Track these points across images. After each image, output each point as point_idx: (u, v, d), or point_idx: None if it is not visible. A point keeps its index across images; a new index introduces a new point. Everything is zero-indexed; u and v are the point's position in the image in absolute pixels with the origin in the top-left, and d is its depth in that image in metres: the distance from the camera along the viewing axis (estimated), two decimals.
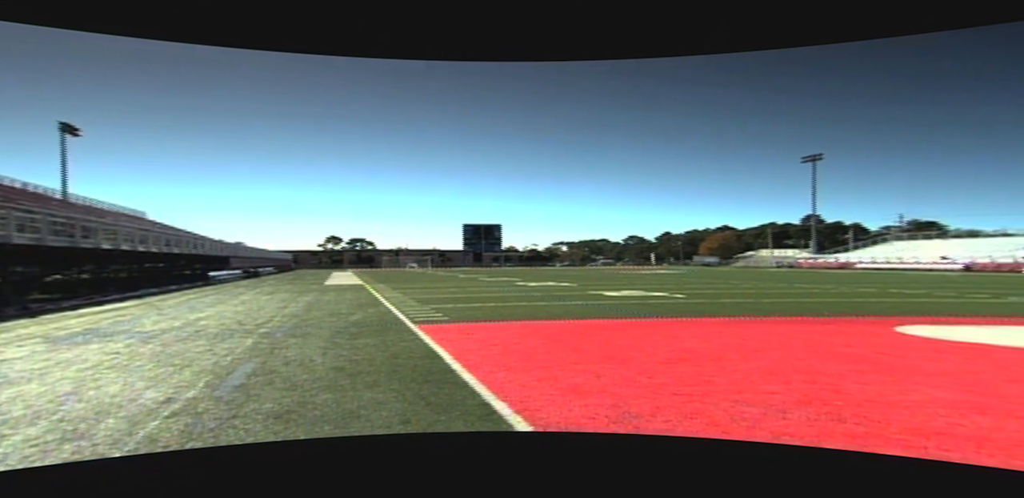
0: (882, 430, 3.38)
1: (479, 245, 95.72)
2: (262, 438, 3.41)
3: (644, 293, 16.96)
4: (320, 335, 8.01)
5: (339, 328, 8.85)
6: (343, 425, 3.62)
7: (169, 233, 28.74)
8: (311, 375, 5.20)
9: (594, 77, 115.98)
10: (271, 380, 5.00)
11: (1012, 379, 4.75)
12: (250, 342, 7.41)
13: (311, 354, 6.39)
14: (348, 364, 5.73)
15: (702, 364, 5.55)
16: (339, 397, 4.35)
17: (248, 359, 6.12)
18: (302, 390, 4.60)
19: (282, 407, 4.07)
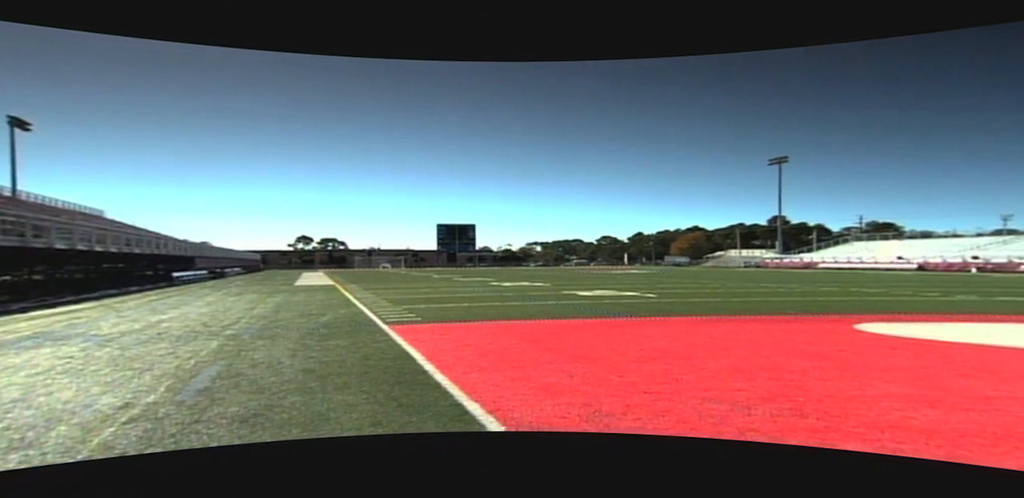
0: (841, 424, 3.51)
1: (453, 245, 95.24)
2: (226, 443, 3.31)
3: (616, 293, 17.17)
4: (289, 337, 7.83)
5: (309, 329, 8.67)
6: (312, 428, 3.55)
7: (129, 232, 27.67)
8: (279, 377, 5.08)
9: (567, 79, 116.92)
10: (237, 383, 4.87)
11: (958, 373, 4.99)
12: (215, 344, 7.19)
13: (279, 356, 6.24)
14: (318, 366, 5.62)
15: (672, 362, 5.65)
16: (308, 399, 4.26)
17: (213, 362, 5.94)
18: (270, 393, 4.48)
19: (248, 411, 3.95)
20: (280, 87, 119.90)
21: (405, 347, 6.83)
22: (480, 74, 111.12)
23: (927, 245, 56.91)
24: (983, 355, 5.97)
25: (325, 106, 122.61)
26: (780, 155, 71.70)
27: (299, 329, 8.72)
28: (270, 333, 8.27)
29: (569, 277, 33.18)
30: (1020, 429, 3.37)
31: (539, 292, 17.98)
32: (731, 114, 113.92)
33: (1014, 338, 7.16)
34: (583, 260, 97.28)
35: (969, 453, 2.98)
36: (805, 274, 37.20)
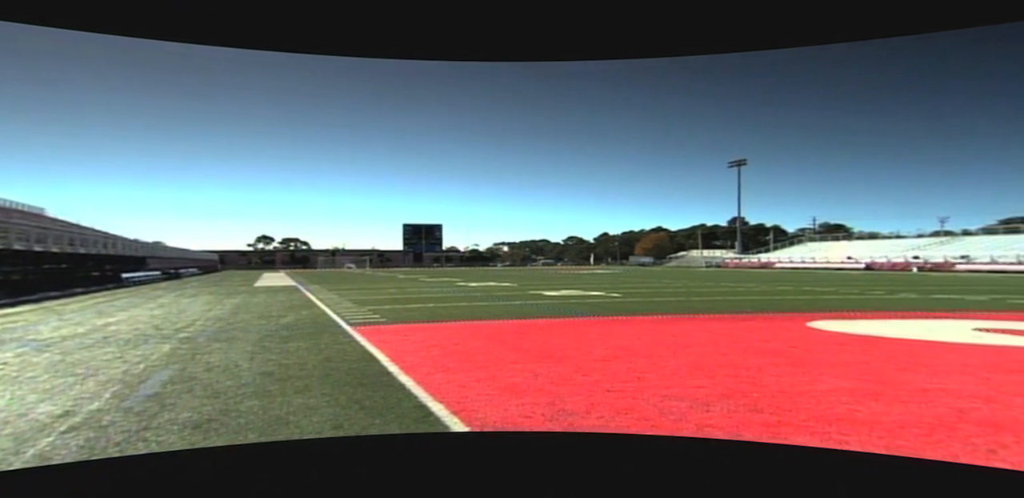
0: (792, 418, 3.66)
1: (419, 245, 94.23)
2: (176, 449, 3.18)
3: (582, 292, 17.38)
4: (248, 339, 7.58)
5: (269, 331, 8.42)
6: (269, 432, 3.45)
7: (73, 231, 26.20)
8: (236, 381, 4.91)
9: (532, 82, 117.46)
10: (190, 388, 4.68)
11: (900, 368, 5.28)
12: (168, 348, 6.89)
13: (237, 359, 6.03)
14: (278, 369, 5.47)
15: (635, 361, 5.76)
16: (266, 403, 4.13)
17: (165, 366, 5.69)
18: (225, 397, 4.33)
19: (202, 416, 3.81)
20: (240, 85, 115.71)
21: (369, 348, 6.72)
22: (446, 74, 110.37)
23: (874, 246, 59.94)
24: (921, 350, 6.34)
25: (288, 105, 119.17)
26: (739, 158, 74.11)
27: (258, 331, 8.45)
28: (227, 335, 7.99)
29: (536, 277, 33.37)
30: (950, 419, 3.60)
31: (506, 292, 18.01)
32: (693, 117, 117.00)
33: (947, 333, 7.63)
34: (550, 260, 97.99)
35: (906, 443, 3.16)
36: (763, 274, 38.58)
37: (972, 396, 4.15)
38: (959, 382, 4.64)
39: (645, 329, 8.50)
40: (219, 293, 19.10)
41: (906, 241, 59.27)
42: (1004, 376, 4.86)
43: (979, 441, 3.16)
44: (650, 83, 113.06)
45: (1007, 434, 3.28)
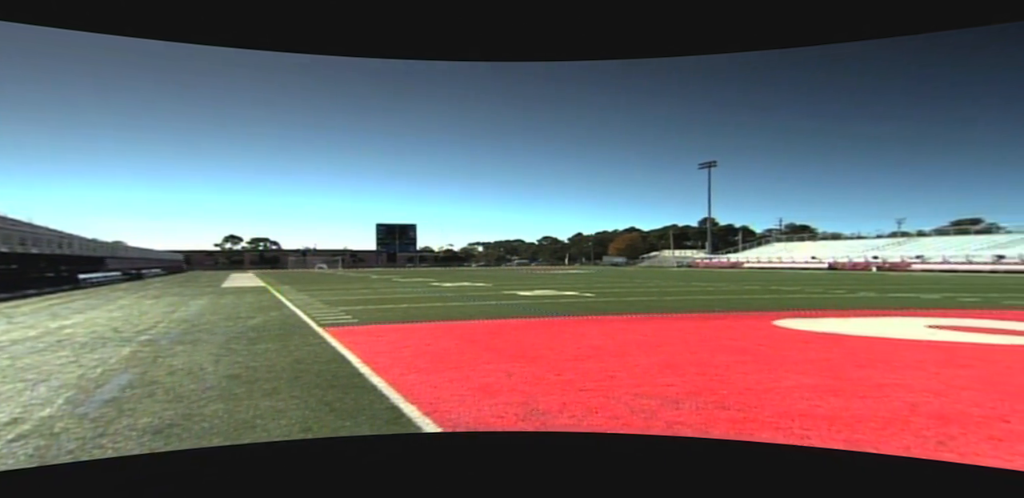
0: (758, 415, 3.76)
1: (393, 245, 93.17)
2: None
3: (556, 292, 17.49)
4: (213, 341, 7.37)
5: (236, 333, 8.20)
6: (234, 437, 3.36)
7: (24, 230, 24.97)
8: (200, 385, 4.77)
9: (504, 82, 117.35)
10: (151, 392, 4.52)
11: (859, 364, 5.49)
12: (127, 351, 6.64)
13: (201, 362, 5.86)
14: (244, 371, 5.33)
15: (607, 360, 5.83)
16: (232, 407, 4.03)
17: (124, 370, 5.48)
18: (188, 401, 4.20)
19: (163, 421, 3.68)
20: (206, 83, 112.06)
21: (340, 350, 6.61)
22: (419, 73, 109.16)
23: (836, 246, 62.10)
24: (878, 347, 6.60)
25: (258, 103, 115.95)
26: (709, 160, 75.77)
27: (225, 333, 8.22)
28: (192, 338, 7.75)
29: (510, 277, 33.42)
30: (904, 413, 3.76)
31: (480, 292, 17.98)
32: (665, 119, 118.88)
33: (903, 331, 7.98)
34: (524, 260, 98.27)
35: (863, 437, 3.29)
36: (732, 273, 39.53)
37: (924, 390, 4.35)
38: (912, 377, 4.85)
39: (618, 328, 8.61)
40: (184, 294, 18.50)
41: (866, 241, 61.59)
42: (953, 371, 5.11)
43: (929, 433, 3.32)
44: (622, 85, 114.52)
45: (954, 426, 3.45)
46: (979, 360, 5.64)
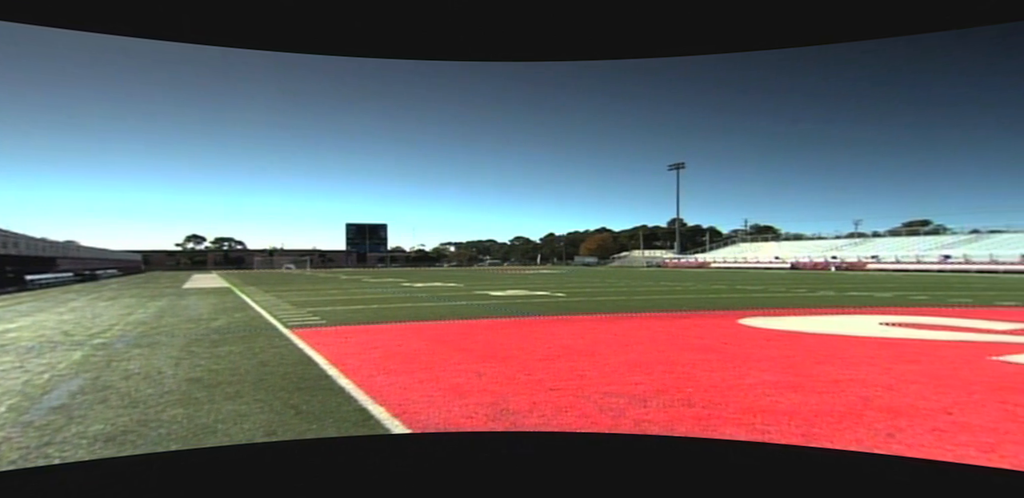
0: (722, 411, 3.87)
1: (363, 245, 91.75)
2: None
3: (528, 292, 17.55)
4: (173, 344, 7.12)
5: (198, 335, 7.94)
6: (193, 442, 3.26)
7: None
8: (158, 389, 4.60)
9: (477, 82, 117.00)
10: (104, 398, 4.33)
11: (816, 361, 5.71)
12: (79, 355, 6.34)
13: (160, 365, 5.65)
14: (206, 374, 5.17)
15: (577, 359, 5.89)
16: (192, 412, 3.90)
17: (74, 375, 5.23)
18: (145, 406, 4.04)
19: (116, 428, 3.54)
20: (166, 80, 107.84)
21: (307, 351, 6.48)
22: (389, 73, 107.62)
23: (798, 246, 64.31)
24: (836, 343, 6.88)
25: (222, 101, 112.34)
26: (678, 161, 77.32)
27: (185, 335, 7.95)
28: (150, 341, 7.46)
29: (482, 277, 33.37)
30: (858, 407, 3.93)
31: (451, 293, 17.89)
32: (635, 121, 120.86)
33: (858, 328, 8.33)
34: (497, 260, 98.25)
35: (820, 431, 3.42)
36: (699, 273, 40.47)
37: (876, 385, 4.55)
38: (866, 373, 5.07)
39: (588, 328, 8.71)
40: (142, 296, 17.79)
41: (826, 242, 63.99)
42: (904, 366, 5.37)
43: (880, 426, 3.48)
44: (594, 86, 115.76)
45: (903, 419, 3.63)
46: (926, 355, 5.94)
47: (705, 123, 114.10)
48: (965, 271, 38.75)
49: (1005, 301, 13.31)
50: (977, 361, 5.59)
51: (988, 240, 48.71)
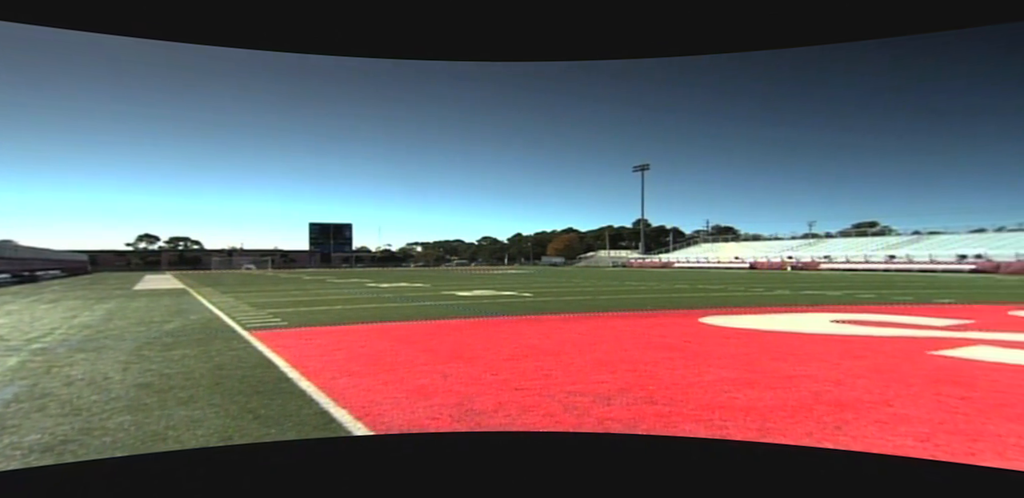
0: (682, 408, 3.97)
1: (327, 245, 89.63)
2: None
3: (495, 292, 17.55)
4: (122, 348, 6.78)
5: (149, 338, 7.59)
6: (143, 450, 3.11)
7: None
8: (104, 395, 4.37)
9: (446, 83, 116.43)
10: (42, 406, 4.09)
11: (772, 357, 5.93)
12: (14, 361, 5.97)
13: (107, 370, 5.37)
14: (157, 379, 4.95)
15: (543, 359, 5.93)
16: (141, 418, 3.72)
17: (9, 382, 4.92)
18: (88, 414, 3.84)
19: (55, 437, 3.34)
20: (120, 75, 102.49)
21: (267, 354, 6.29)
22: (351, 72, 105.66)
23: (757, 246, 66.60)
24: (789, 341, 7.16)
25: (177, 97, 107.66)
26: (643, 163, 78.82)
27: (136, 339, 7.58)
28: (95, 345, 7.08)
29: (449, 277, 33.17)
30: (809, 401, 4.11)
31: (418, 293, 17.72)
32: (601, 122, 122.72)
33: (811, 325, 8.71)
34: (464, 260, 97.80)
35: (774, 425, 3.56)
36: (663, 273, 41.39)
37: (826, 380, 4.76)
38: (817, 368, 5.30)
39: (554, 327, 8.78)
40: (88, 298, 16.88)
41: (783, 242, 66.47)
42: (852, 361, 5.64)
43: (828, 419, 3.65)
44: (562, 88, 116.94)
45: (849, 412, 3.81)
46: (872, 351, 6.26)
47: (668, 126, 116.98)
48: (908, 270, 41.03)
49: (942, 299, 14.16)
50: (916, 356, 5.93)
51: (928, 241, 51.71)
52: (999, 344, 6.56)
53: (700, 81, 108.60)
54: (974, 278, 28.88)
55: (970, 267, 38.80)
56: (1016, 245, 41.99)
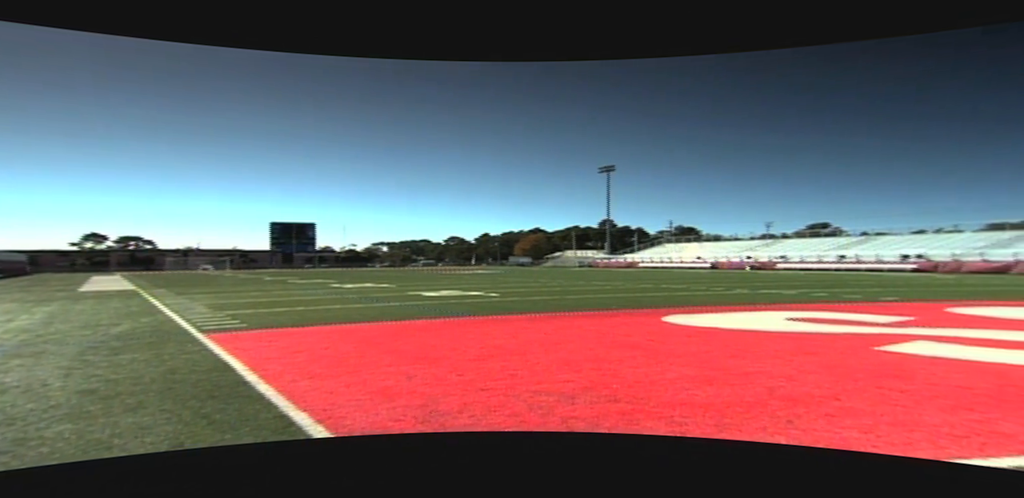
0: (644, 406, 4.05)
1: (290, 245, 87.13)
2: None
3: (462, 293, 17.47)
4: (63, 353, 6.41)
5: (94, 342, 7.20)
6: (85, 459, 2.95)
7: None
8: (42, 403, 4.12)
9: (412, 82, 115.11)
10: None
11: (730, 355, 6.12)
12: None
13: (45, 377, 5.07)
14: (103, 385, 4.70)
15: (509, 359, 5.93)
16: (83, 427, 3.53)
17: None
18: (24, 423, 3.61)
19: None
20: (66, 68, 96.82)
21: (224, 357, 6.07)
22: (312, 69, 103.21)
23: (718, 247, 68.57)
24: (747, 338, 7.41)
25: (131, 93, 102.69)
26: (608, 164, 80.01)
27: (79, 343, 7.18)
28: (34, 350, 6.67)
29: (416, 278, 32.82)
30: (763, 397, 4.26)
31: (383, 293, 17.46)
32: (568, 123, 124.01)
33: (767, 323, 9.03)
34: (431, 261, 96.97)
35: (731, 421, 3.67)
36: (628, 273, 42.12)
37: (780, 376, 4.95)
38: (772, 365, 5.50)
39: (521, 327, 8.80)
40: (26, 300, 15.89)
41: (742, 243, 68.68)
42: (804, 358, 5.88)
43: (781, 414, 3.79)
44: (529, 89, 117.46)
45: (801, 406, 3.97)
46: (823, 347, 6.54)
47: (634, 128, 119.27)
48: (857, 270, 43.09)
49: (887, 297, 14.94)
50: (862, 351, 6.23)
51: (875, 241, 54.49)
52: (936, 339, 6.97)
53: (665, 85, 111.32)
54: (915, 277, 30.61)
55: (912, 266, 41.07)
56: (952, 246, 44.83)
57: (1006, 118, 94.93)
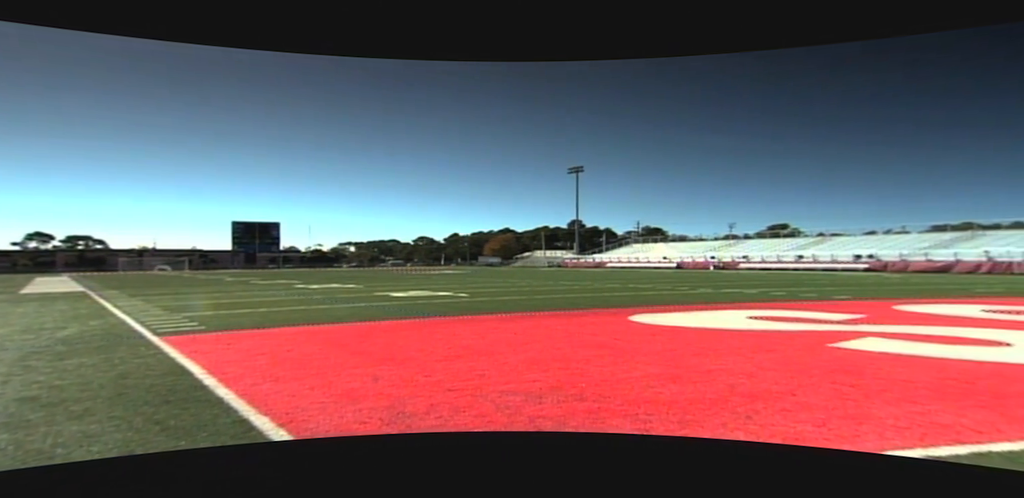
0: (610, 404, 4.10)
1: (252, 245, 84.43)
2: None
3: (431, 293, 17.33)
4: (2, 359, 6.03)
5: (38, 347, 6.81)
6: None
7: None
8: None
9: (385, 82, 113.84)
10: None
11: (694, 353, 6.28)
12: None
13: None
14: (45, 392, 4.45)
15: (477, 359, 5.91)
16: (23, 436, 3.33)
17: None
18: None
19: None
20: (9, 61, 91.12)
21: (180, 361, 5.84)
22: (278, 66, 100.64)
23: (683, 247, 70.13)
24: (710, 336, 7.61)
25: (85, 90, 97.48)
26: (577, 165, 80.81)
27: (20, 348, 6.78)
28: None
29: (384, 278, 32.36)
30: (724, 393, 4.38)
31: (350, 294, 17.14)
32: (537, 124, 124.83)
33: (729, 322, 9.30)
34: (399, 261, 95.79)
35: (693, 417, 3.76)
36: (596, 272, 42.64)
37: (740, 373, 5.10)
38: (733, 362, 5.66)
39: (489, 327, 8.79)
40: None
41: (706, 243, 70.45)
42: (764, 355, 6.07)
43: (741, 410, 3.91)
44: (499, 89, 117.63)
45: (760, 402, 4.10)
46: (781, 345, 6.78)
47: (602, 129, 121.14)
48: (813, 269, 44.85)
49: (841, 295, 15.61)
50: (817, 348, 6.49)
51: (830, 242, 56.86)
52: (884, 336, 7.32)
53: (633, 87, 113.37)
54: (866, 276, 32.09)
55: (864, 266, 43.06)
56: (899, 246, 47.26)
57: (950, 124, 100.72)
